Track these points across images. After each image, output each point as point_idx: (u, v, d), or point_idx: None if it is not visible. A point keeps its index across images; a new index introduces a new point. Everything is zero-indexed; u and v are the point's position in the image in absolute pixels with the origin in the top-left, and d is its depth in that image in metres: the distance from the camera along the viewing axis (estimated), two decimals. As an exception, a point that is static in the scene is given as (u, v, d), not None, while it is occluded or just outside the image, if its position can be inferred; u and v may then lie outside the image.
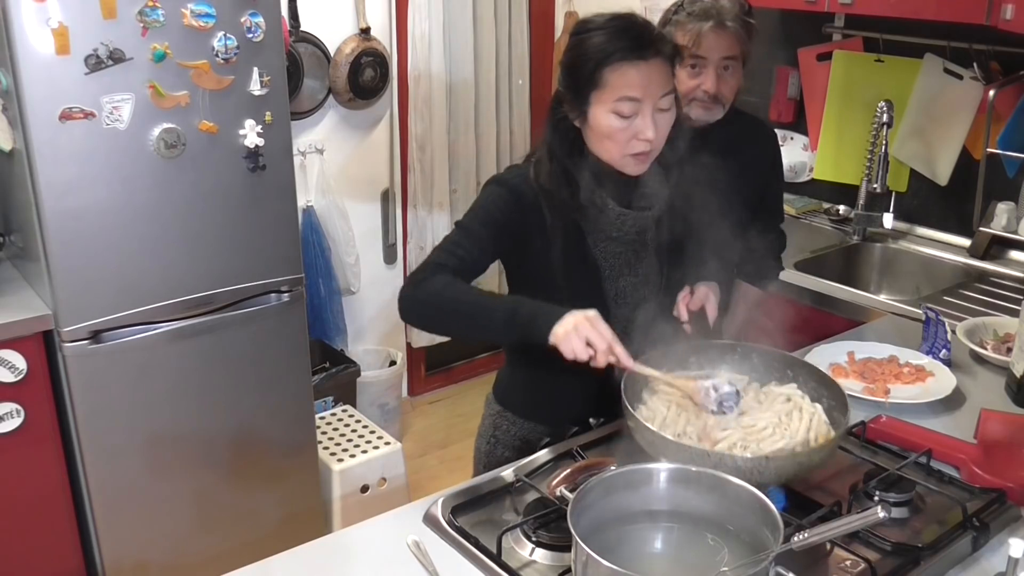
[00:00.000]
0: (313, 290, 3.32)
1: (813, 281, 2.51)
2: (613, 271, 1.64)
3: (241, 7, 2.27)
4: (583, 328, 1.40)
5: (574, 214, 1.59)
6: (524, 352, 1.75)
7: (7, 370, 2.20)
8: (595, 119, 1.53)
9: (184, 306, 2.38)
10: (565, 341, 1.40)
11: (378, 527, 1.39)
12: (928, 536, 1.31)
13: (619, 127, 1.51)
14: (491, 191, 1.61)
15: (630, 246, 1.64)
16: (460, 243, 1.56)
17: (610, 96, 1.49)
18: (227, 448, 2.54)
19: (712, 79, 1.95)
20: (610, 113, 1.50)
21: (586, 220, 1.60)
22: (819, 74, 2.97)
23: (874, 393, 1.76)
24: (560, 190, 1.58)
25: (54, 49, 2.04)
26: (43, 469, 2.33)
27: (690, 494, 1.23)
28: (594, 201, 1.58)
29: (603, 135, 1.53)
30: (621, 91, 1.49)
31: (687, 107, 2.01)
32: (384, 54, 3.36)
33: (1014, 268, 2.58)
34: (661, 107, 1.52)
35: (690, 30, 1.95)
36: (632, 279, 1.66)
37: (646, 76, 1.49)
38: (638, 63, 1.49)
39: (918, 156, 2.80)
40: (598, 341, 1.40)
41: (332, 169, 3.39)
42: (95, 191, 2.18)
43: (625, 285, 1.65)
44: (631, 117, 1.50)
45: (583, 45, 1.52)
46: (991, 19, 2.17)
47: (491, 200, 1.59)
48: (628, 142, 1.52)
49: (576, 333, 1.40)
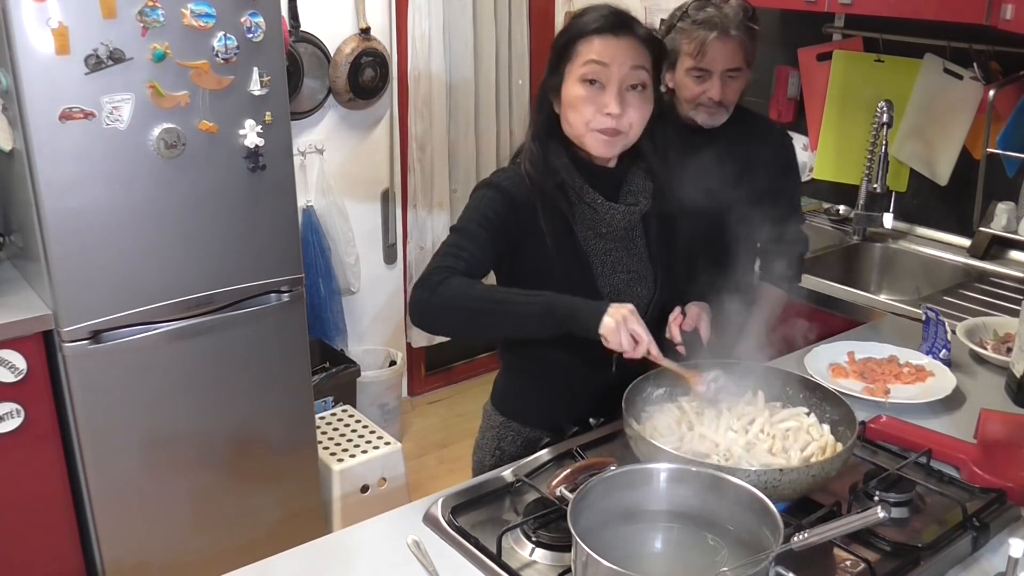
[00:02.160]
0: (313, 290, 3.32)
1: (813, 281, 2.51)
2: (606, 268, 1.64)
3: (241, 7, 2.27)
4: (631, 321, 1.43)
5: (562, 206, 1.60)
6: (523, 357, 1.74)
7: (7, 370, 2.20)
8: (566, 92, 1.55)
9: (184, 306, 2.38)
10: (614, 333, 1.42)
11: (378, 527, 1.39)
12: (928, 536, 1.31)
13: (585, 95, 1.52)
14: (482, 194, 1.61)
15: (620, 243, 1.66)
16: (462, 245, 1.55)
17: (579, 63, 1.53)
18: (227, 448, 2.54)
19: (717, 87, 1.96)
20: (577, 82, 1.53)
21: (574, 215, 1.61)
22: (819, 74, 2.97)
23: (874, 393, 1.76)
24: (544, 178, 1.59)
25: (54, 49, 2.04)
26: (43, 469, 2.33)
27: (690, 494, 1.23)
28: (581, 195, 1.59)
29: (570, 107, 1.55)
30: (588, 56, 1.52)
31: (693, 111, 2.02)
32: (384, 54, 3.36)
33: (1014, 268, 2.58)
34: (630, 83, 1.53)
35: (695, 39, 1.95)
36: (625, 276, 1.66)
37: (615, 47, 1.52)
38: (608, 37, 1.52)
39: (918, 156, 2.80)
40: (643, 334, 1.43)
41: (332, 169, 3.39)
42: (95, 191, 2.18)
43: (619, 283, 1.65)
44: (596, 85, 1.52)
45: (566, 27, 1.58)
46: (991, 19, 2.17)
47: (484, 202, 1.59)
48: (593, 116, 1.53)
49: (625, 326, 1.42)
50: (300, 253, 2.57)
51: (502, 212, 1.58)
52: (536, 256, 1.60)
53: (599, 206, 1.60)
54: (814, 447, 1.42)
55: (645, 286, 1.68)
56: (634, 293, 1.67)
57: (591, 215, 1.61)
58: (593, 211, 1.61)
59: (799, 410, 1.52)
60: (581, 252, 1.62)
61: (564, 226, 1.61)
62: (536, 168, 1.59)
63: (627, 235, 1.67)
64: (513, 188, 1.59)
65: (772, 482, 1.26)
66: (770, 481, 1.26)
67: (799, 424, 1.48)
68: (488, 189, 1.61)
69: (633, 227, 1.68)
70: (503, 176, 1.63)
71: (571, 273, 1.61)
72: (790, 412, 1.51)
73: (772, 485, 1.27)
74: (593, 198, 1.60)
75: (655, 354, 1.46)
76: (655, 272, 1.70)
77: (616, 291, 1.65)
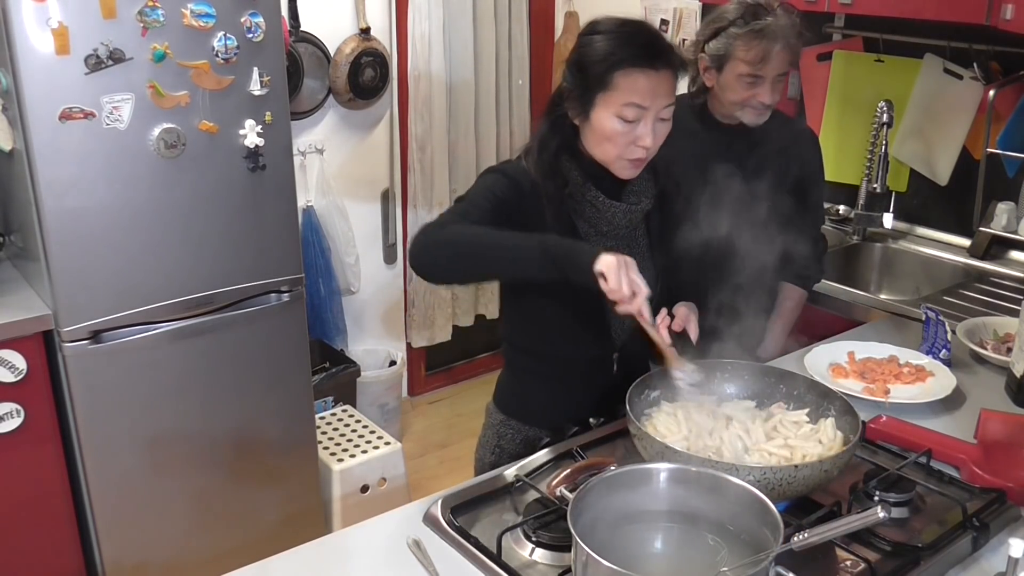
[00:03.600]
0: (313, 290, 3.32)
1: (813, 281, 2.51)
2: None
3: (241, 7, 2.27)
4: (631, 266, 1.39)
5: (565, 205, 1.61)
6: (525, 354, 1.75)
7: (7, 370, 2.20)
8: (598, 120, 1.54)
9: (184, 306, 2.38)
10: (615, 272, 1.37)
11: (378, 527, 1.39)
12: (928, 536, 1.31)
13: (621, 131, 1.53)
14: (488, 177, 1.63)
15: (622, 241, 1.67)
16: (467, 211, 1.56)
17: (617, 99, 1.51)
18: (227, 448, 2.54)
19: (768, 92, 2.00)
20: (614, 116, 1.52)
21: (577, 213, 1.63)
22: (819, 74, 2.97)
23: (874, 393, 1.76)
24: (547, 183, 1.60)
25: (54, 49, 2.04)
26: (43, 469, 2.33)
27: (690, 494, 1.23)
28: (584, 194, 1.61)
29: (603, 136, 1.55)
30: (629, 96, 1.51)
31: (740, 112, 2.05)
32: (384, 54, 3.36)
33: (1014, 268, 2.58)
34: (662, 116, 1.54)
35: (754, 48, 1.95)
36: None
37: (655, 85, 1.51)
38: (648, 71, 1.51)
39: (918, 156, 2.80)
40: (642, 285, 1.40)
41: (332, 169, 3.39)
42: (95, 191, 2.18)
43: None
44: (633, 122, 1.52)
45: (594, 45, 1.54)
46: (991, 19, 2.17)
47: (490, 182, 1.61)
48: (627, 146, 1.55)
49: (626, 269, 1.38)
50: (300, 253, 2.57)
51: (508, 194, 1.59)
52: None
53: (601, 204, 1.62)
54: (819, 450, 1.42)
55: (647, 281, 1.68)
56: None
57: (593, 213, 1.63)
58: (595, 209, 1.62)
59: (799, 414, 1.52)
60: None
61: (567, 221, 1.62)
62: (540, 174, 1.60)
63: (629, 234, 1.68)
64: (521, 177, 1.61)
65: (772, 482, 1.27)
66: (770, 481, 1.26)
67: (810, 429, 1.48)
68: (496, 174, 1.63)
69: (635, 226, 1.69)
70: (511, 166, 1.65)
71: None
72: (792, 416, 1.51)
73: (772, 485, 1.27)
74: (595, 196, 1.61)
75: (647, 317, 1.43)
76: (656, 272, 1.70)
77: None
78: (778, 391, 1.57)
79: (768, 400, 1.57)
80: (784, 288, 2.23)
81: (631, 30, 1.55)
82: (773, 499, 1.17)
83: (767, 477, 1.26)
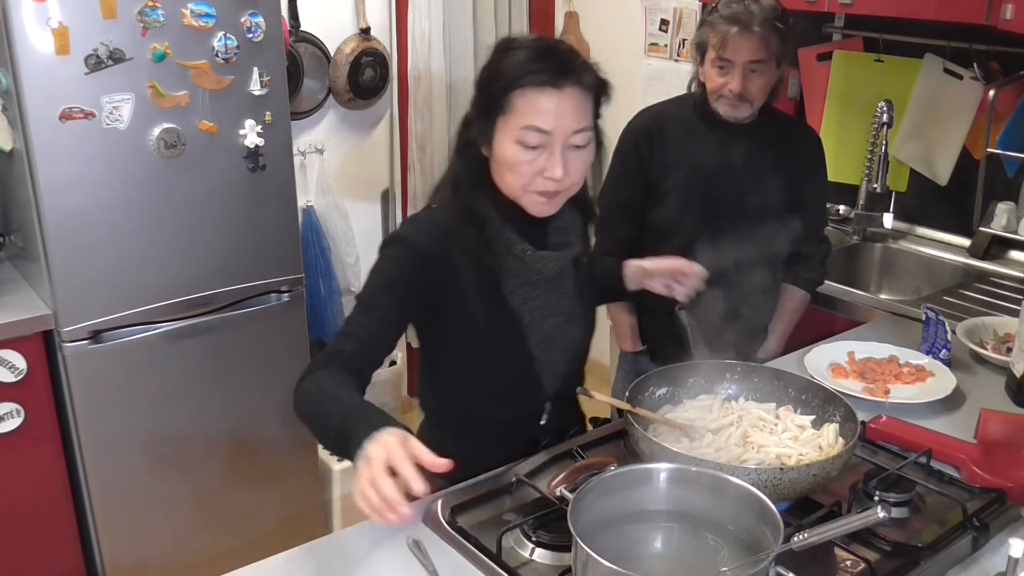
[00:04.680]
0: (313, 290, 3.32)
1: (813, 281, 2.51)
2: (535, 315, 1.50)
3: (241, 7, 2.27)
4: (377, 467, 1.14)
5: (485, 257, 1.44)
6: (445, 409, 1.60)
7: (7, 370, 2.20)
8: (499, 147, 1.38)
9: (184, 306, 2.38)
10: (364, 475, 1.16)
11: (378, 527, 1.39)
12: (928, 536, 1.31)
13: (523, 159, 1.36)
14: (390, 254, 1.44)
15: (548, 286, 1.51)
16: (359, 321, 1.40)
17: (516, 123, 1.34)
18: (227, 448, 2.54)
19: (738, 79, 2.01)
20: (514, 143, 1.35)
21: (499, 266, 1.46)
22: (819, 74, 2.97)
23: (874, 393, 1.76)
24: (464, 229, 1.42)
25: (54, 49, 2.04)
26: (43, 469, 2.33)
27: (690, 494, 1.23)
28: (507, 245, 1.44)
29: (505, 166, 1.38)
30: (528, 119, 1.34)
31: (716, 103, 2.07)
32: (384, 54, 3.36)
33: (1014, 268, 2.58)
34: (575, 143, 1.37)
35: (719, 32, 2.00)
36: (555, 320, 1.53)
37: (558, 106, 1.34)
38: (550, 91, 1.33)
39: (918, 156, 2.80)
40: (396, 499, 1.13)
41: (332, 169, 3.39)
42: (95, 191, 2.18)
43: (549, 328, 1.52)
44: (537, 149, 1.35)
45: (497, 64, 1.38)
46: (991, 19, 2.17)
47: (391, 265, 1.43)
48: (532, 178, 1.37)
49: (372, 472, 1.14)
50: (300, 253, 2.57)
51: (410, 274, 1.41)
52: (458, 314, 1.46)
53: (529, 257, 1.45)
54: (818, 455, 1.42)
55: (576, 325, 1.57)
56: (566, 336, 1.55)
57: (519, 265, 1.46)
58: (521, 262, 1.46)
59: (805, 419, 1.52)
60: (508, 305, 1.48)
61: (488, 281, 1.46)
62: (457, 220, 1.43)
63: (558, 276, 1.52)
64: (425, 243, 1.42)
65: (772, 482, 1.26)
66: (770, 481, 1.26)
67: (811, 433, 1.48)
68: (396, 247, 1.44)
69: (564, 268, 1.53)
70: (415, 228, 1.46)
71: (498, 328, 1.48)
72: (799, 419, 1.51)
73: (772, 485, 1.27)
74: (522, 249, 1.44)
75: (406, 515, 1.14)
76: (585, 310, 1.59)
77: (547, 337, 1.52)
78: (787, 395, 1.57)
79: (777, 404, 1.57)
80: (786, 290, 2.24)
81: (539, 46, 1.37)
82: (771, 500, 1.17)
83: (751, 479, 1.26)
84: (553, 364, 1.54)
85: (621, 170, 2.20)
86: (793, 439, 1.45)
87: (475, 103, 1.42)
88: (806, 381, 1.57)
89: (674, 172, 2.13)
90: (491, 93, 1.37)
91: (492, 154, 1.40)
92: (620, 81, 2.15)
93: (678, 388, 1.58)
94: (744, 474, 1.25)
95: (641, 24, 3.45)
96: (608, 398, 1.51)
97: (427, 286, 1.42)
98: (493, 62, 1.40)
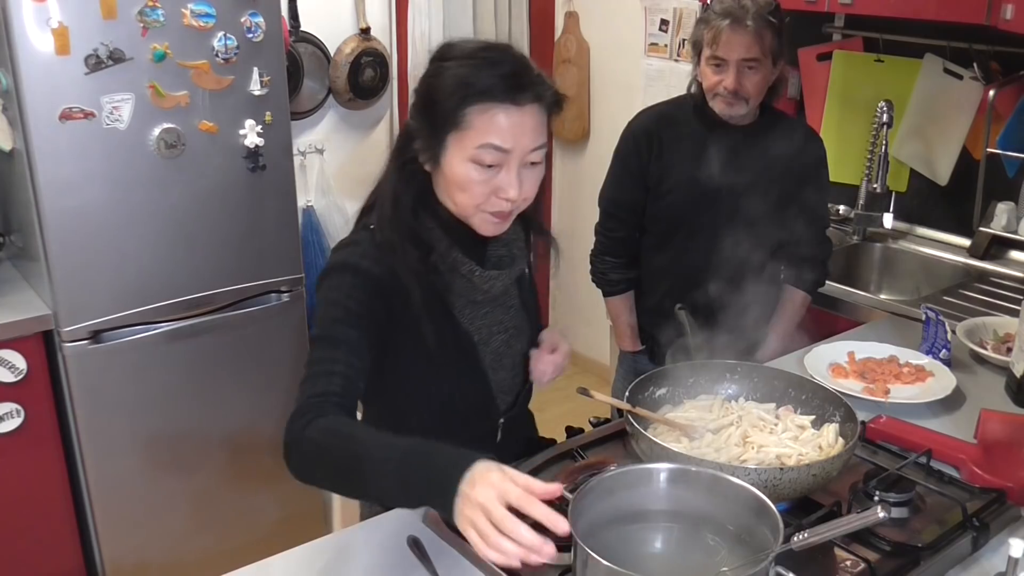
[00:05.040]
0: (313, 290, 3.31)
1: (813, 281, 2.51)
2: (483, 334, 1.47)
3: (241, 7, 2.27)
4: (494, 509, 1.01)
5: (432, 279, 1.38)
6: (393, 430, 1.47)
7: (7, 370, 2.20)
8: (449, 166, 1.30)
9: (184, 306, 2.38)
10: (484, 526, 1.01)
11: (378, 527, 1.39)
12: (928, 536, 1.31)
13: (477, 179, 1.28)
14: (340, 282, 1.33)
15: (495, 302, 1.48)
16: (332, 358, 1.27)
17: (472, 141, 1.26)
18: (227, 448, 2.54)
19: (732, 77, 2.00)
20: (468, 161, 1.28)
21: (447, 287, 1.40)
22: (819, 74, 2.97)
23: (874, 393, 1.76)
24: (409, 252, 1.34)
25: (54, 49, 2.04)
26: (43, 469, 2.33)
27: (689, 494, 1.23)
28: (453, 265, 1.38)
29: (457, 185, 1.30)
30: (485, 137, 1.26)
31: (712, 101, 2.07)
32: (384, 54, 3.36)
33: (1014, 268, 2.58)
34: (531, 160, 1.30)
35: (712, 28, 2.00)
36: (503, 336, 1.50)
37: (518, 124, 1.26)
38: (510, 107, 1.26)
39: (918, 156, 2.80)
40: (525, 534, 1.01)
41: (332, 169, 3.39)
42: (95, 191, 2.18)
43: (498, 345, 1.49)
44: (493, 168, 1.28)
45: (445, 74, 1.29)
46: (991, 19, 2.17)
47: (342, 294, 1.32)
48: (487, 197, 1.30)
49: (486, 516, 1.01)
50: (300, 253, 2.57)
51: (367, 302, 1.32)
52: (410, 337, 1.38)
53: (477, 278, 1.40)
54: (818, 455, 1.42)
55: (523, 339, 1.54)
56: (514, 351, 1.52)
57: (465, 285, 1.41)
58: (468, 281, 1.40)
59: (805, 419, 1.52)
60: (459, 327, 1.44)
61: (436, 302, 1.40)
62: (402, 242, 1.34)
63: (503, 292, 1.49)
64: (374, 268, 1.33)
65: (772, 482, 1.27)
66: (770, 481, 1.26)
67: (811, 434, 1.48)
68: (344, 274, 1.33)
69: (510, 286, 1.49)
70: (357, 253, 1.35)
71: (451, 349, 1.43)
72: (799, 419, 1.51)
73: (772, 485, 1.27)
74: (470, 269, 1.39)
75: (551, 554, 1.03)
76: (530, 324, 1.56)
77: (497, 355, 1.49)
78: (787, 395, 1.57)
79: (777, 404, 1.57)
80: (787, 290, 2.24)
81: (492, 56, 1.29)
82: (771, 500, 1.17)
83: (751, 479, 1.26)
84: (504, 381, 1.52)
85: (621, 171, 2.20)
86: (793, 439, 1.45)
87: (419, 115, 1.33)
88: (806, 381, 1.57)
89: (674, 173, 2.12)
90: (442, 107, 1.28)
91: (439, 171, 1.32)
92: (620, 81, 2.16)
93: (678, 388, 1.58)
94: (744, 474, 1.25)
95: (641, 24, 3.45)
96: (608, 398, 1.51)
97: (380, 311, 1.33)
98: (437, 72, 1.30)
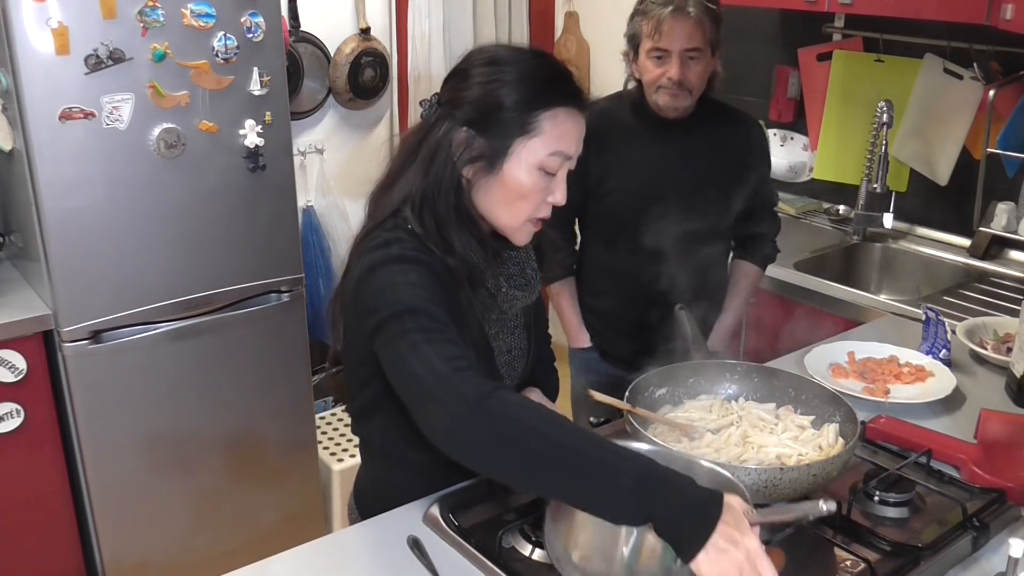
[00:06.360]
0: (313, 290, 3.31)
1: (813, 281, 2.51)
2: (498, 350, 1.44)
3: (241, 7, 2.27)
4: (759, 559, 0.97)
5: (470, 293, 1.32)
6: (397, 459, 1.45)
7: (7, 370, 2.20)
8: (512, 173, 1.24)
9: (184, 306, 2.38)
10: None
11: (378, 527, 1.39)
12: (928, 536, 1.31)
13: (540, 186, 1.25)
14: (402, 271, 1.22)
15: (500, 323, 1.43)
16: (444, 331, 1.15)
17: (543, 147, 1.23)
18: (227, 448, 2.54)
19: (676, 67, 1.96)
20: (535, 168, 1.24)
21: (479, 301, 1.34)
22: (819, 74, 2.97)
23: (874, 393, 1.76)
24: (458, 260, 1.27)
25: (54, 49, 2.04)
26: (43, 469, 2.33)
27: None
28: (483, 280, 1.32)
29: (517, 194, 1.25)
30: (558, 143, 1.23)
31: (655, 95, 2.02)
32: (384, 54, 3.36)
33: (1014, 268, 2.58)
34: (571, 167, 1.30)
35: (653, 18, 1.95)
36: (506, 358, 1.47)
37: (581, 131, 1.27)
38: (576, 113, 1.25)
39: (918, 156, 2.80)
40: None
41: (332, 169, 3.39)
42: (95, 191, 2.18)
43: (502, 365, 1.46)
44: (551, 175, 1.26)
45: (506, 79, 1.24)
46: (991, 19, 2.17)
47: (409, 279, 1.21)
48: (539, 205, 1.27)
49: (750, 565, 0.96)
50: (300, 253, 2.57)
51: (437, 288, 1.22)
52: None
53: (501, 295, 1.36)
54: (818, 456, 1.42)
55: (522, 363, 1.51)
56: (513, 374, 1.49)
57: (488, 301, 1.35)
58: (492, 298, 1.35)
59: (805, 419, 1.52)
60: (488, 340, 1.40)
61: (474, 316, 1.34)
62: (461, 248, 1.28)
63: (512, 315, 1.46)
64: (426, 258, 1.25)
65: (772, 482, 1.27)
66: (770, 481, 1.26)
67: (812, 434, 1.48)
68: (403, 264, 1.23)
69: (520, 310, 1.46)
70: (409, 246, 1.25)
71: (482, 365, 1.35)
72: (799, 419, 1.51)
73: (772, 485, 1.27)
74: (497, 286, 1.35)
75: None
76: (529, 346, 1.52)
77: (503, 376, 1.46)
78: (787, 395, 1.57)
79: (777, 404, 1.57)
80: (740, 266, 2.24)
81: (546, 62, 1.28)
82: (770, 500, 1.17)
83: (752, 479, 1.26)
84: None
85: None
86: (793, 439, 1.45)
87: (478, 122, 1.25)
88: (806, 381, 1.57)
89: (617, 172, 2.07)
90: (509, 113, 1.23)
91: (494, 179, 1.25)
92: (620, 81, 2.16)
93: (678, 388, 1.58)
94: (744, 474, 1.25)
95: (641, 24, 3.45)
96: (608, 398, 1.51)
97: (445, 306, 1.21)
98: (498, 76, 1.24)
